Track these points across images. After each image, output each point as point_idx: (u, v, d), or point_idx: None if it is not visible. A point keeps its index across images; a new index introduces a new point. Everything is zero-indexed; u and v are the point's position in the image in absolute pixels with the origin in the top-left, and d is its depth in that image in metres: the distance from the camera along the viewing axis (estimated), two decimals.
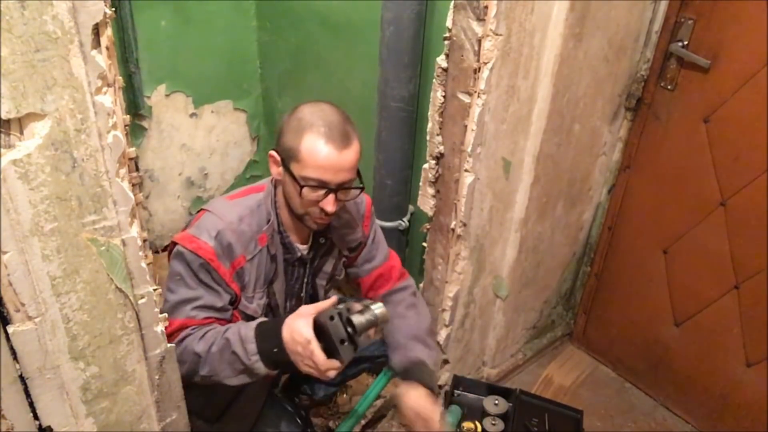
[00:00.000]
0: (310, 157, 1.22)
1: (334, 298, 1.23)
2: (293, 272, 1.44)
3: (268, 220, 1.34)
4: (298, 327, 1.18)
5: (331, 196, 1.25)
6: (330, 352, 1.17)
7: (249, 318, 1.36)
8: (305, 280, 1.46)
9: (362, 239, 1.51)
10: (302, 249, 1.41)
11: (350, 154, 1.25)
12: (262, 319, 1.32)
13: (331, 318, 1.15)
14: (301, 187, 1.23)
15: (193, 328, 1.27)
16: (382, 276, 1.56)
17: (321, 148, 1.21)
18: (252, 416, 1.46)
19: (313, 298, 1.52)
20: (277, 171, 1.31)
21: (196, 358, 1.24)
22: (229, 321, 1.34)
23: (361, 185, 1.34)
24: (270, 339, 1.21)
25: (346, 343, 1.15)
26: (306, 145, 1.21)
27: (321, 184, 1.24)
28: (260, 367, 1.22)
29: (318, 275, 1.49)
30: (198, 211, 1.37)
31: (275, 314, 1.43)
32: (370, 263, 1.55)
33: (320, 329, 1.18)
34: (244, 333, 1.23)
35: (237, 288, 1.31)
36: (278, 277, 1.39)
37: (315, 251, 1.44)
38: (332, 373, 1.18)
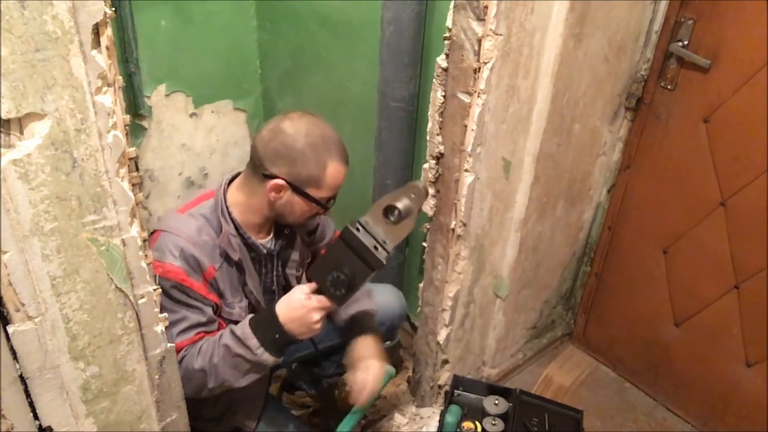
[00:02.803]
0: (333, 180, 1.29)
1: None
2: (263, 268, 1.44)
3: (221, 230, 1.31)
4: (289, 297, 1.25)
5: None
6: (352, 275, 1.17)
7: (235, 323, 1.36)
8: (275, 272, 1.47)
9: (317, 220, 1.55)
10: (266, 244, 1.41)
11: None
12: (250, 315, 1.32)
13: (357, 229, 1.15)
14: (325, 208, 1.33)
15: (186, 349, 1.26)
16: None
17: (341, 170, 1.30)
18: (256, 410, 1.46)
19: (286, 290, 1.51)
20: (277, 197, 1.29)
21: (200, 375, 1.26)
22: (217, 331, 1.33)
23: None
24: (268, 327, 1.24)
25: (379, 249, 1.15)
26: (330, 172, 1.28)
27: (334, 197, 1.34)
28: (267, 358, 1.24)
29: (288, 265, 1.49)
30: (151, 233, 1.31)
31: (258, 312, 1.43)
32: (324, 240, 1.60)
33: (339, 256, 1.18)
34: (240, 332, 1.25)
35: (215, 298, 1.31)
36: (250, 275, 1.38)
37: (280, 243, 1.44)
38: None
